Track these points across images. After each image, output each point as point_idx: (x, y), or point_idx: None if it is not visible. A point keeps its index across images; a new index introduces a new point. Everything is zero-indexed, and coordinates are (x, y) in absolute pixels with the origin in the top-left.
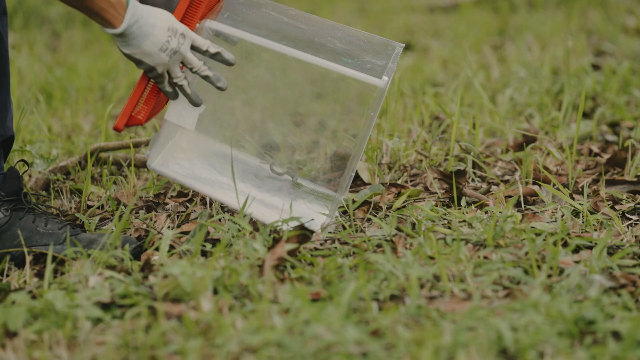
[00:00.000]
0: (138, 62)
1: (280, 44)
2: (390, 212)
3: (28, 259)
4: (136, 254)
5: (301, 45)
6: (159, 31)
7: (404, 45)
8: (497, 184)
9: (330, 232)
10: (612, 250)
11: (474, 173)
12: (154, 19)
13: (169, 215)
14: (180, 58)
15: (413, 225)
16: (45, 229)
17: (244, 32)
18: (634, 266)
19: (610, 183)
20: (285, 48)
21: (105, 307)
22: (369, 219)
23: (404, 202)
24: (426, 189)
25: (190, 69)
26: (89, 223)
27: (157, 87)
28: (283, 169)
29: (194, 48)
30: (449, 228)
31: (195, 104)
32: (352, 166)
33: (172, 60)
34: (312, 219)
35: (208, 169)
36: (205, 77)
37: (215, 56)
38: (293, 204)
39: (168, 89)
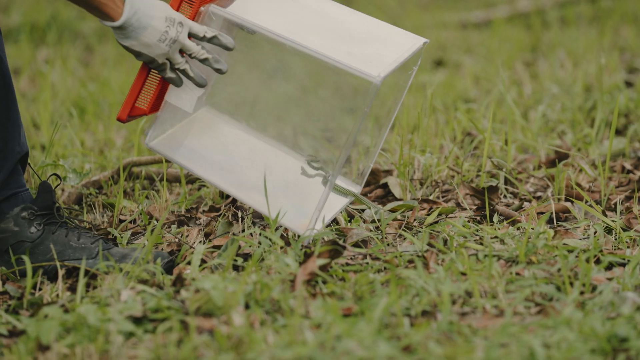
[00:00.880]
0: (137, 54)
1: (279, 31)
2: (422, 227)
3: (60, 273)
4: (168, 269)
5: (309, 32)
6: (157, 22)
7: (427, 40)
8: (530, 201)
9: (360, 247)
10: None
11: (506, 189)
12: (151, 10)
13: (200, 230)
14: (179, 46)
15: (445, 241)
16: (77, 243)
17: (241, 16)
18: None
19: None
20: (282, 35)
21: (137, 321)
22: (400, 235)
23: (436, 218)
24: (458, 205)
25: (190, 55)
26: (121, 237)
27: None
28: (319, 165)
29: (191, 35)
30: (481, 244)
31: (201, 85)
32: (344, 154)
33: (171, 50)
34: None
35: (222, 156)
36: (204, 60)
37: (213, 40)
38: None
39: (171, 75)
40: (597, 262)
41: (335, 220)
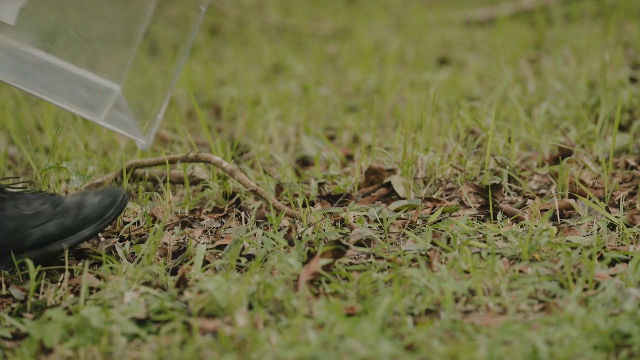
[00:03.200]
0: None
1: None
2: (425, 226)
3: (66, 275)
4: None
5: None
6: None
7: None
8: (533, 198)
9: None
10: None
11: (510, 187)
12: None
13: (204, 231)
14: None
15: (448, 239)
16: (31, 209)
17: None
18: None
19: None
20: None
21: (140, 322)
22: (404, 234)
23: (440, 216)
24: (462, 203)
25: None
26: (125, 240)
27: None
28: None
29: None
30: (484, 242)
31: None
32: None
33: None
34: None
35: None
36: None
37: None
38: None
39: None
40: (600, 258)
41: (341, 220)
